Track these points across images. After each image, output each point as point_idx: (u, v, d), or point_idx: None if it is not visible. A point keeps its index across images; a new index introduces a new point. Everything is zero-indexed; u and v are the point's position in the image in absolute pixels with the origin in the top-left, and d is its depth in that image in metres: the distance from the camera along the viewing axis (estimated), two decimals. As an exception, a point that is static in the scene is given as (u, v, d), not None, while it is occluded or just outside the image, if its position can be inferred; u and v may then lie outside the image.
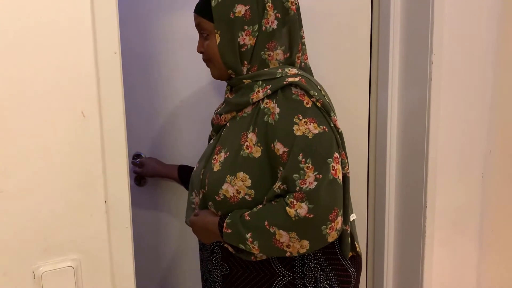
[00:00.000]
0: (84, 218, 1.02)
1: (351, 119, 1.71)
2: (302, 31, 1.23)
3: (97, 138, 1.00)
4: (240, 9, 1.13)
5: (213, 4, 1.15)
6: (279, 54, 1.18)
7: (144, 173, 1.59)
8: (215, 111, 1.32)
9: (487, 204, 1.72)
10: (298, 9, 1.21)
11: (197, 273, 1.36)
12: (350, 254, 1.22)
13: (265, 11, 1.15)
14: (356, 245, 1.23)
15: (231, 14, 1.14)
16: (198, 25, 1.21)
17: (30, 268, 0.99)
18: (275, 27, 1.16)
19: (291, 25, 1.18)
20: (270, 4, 1.15)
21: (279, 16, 1.16)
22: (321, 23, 1.64)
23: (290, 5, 1.18)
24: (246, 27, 1.14)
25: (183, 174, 1.53)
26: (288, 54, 1.20)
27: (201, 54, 1.24)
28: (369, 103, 1.72)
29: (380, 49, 1.67)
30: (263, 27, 1.15)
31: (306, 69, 1.25)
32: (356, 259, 1.24)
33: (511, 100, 1.71)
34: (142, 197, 1.63)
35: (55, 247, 1.00)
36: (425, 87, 1.53)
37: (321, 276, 1.17)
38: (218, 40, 1.16)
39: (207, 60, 1.23)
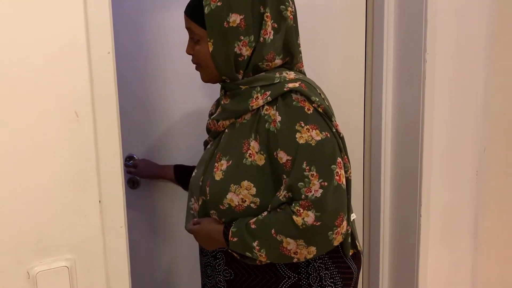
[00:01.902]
0: (78, 218, 1.02)
1: (346, 118, 1.70)
2: (298, 40, 1.20)
3: (90, 138, 1.00)
4: (235, 19, 1.10)
5: (206, 11, 1.11)
6: (277, 63, 1.16)
7: (138, 174, 1.58)
8: (210, 115, 1.30)
9: (481, 202, 1.73)
10: (295, 16, 1.18)
11: (193, 276, 1.36)
12: (352, 252, 1.22)
13: (263, 21, 1.12)
14: (357, 243, 1.23)
15: (225, 23, 1.10)
16: (188, 29, 1.18)
17: (25, 268, 0.99)
18: (272, 37, 1.13)
19: (289, 33, 1.16)
20: (268, 14, 1.12)
21: (276, 26, 1.13)
22: (316, 21, 1.64)
23: (288, 14, 1.14)
24: (242, 37, 1.11)
25: (180, 174, 1.52)
26: (287, 59, 1.18)
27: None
28: (364, 101, 1.73)
29: (374, 48, 1.68)
30: (261, 38, 1.12)
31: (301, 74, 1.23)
32: (356, 256, 1.25)
33: (505, 97, 1.72)
34: (135, 199, 1.62)
35: (49, 247, 1.00)
36: (419, 85, 1.54)
37: (326, 275, 1.17)
38: (211, 49, 1.13)
39: (196, 63, 1.21)
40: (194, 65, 1.24)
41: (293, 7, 1.17)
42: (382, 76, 1.64)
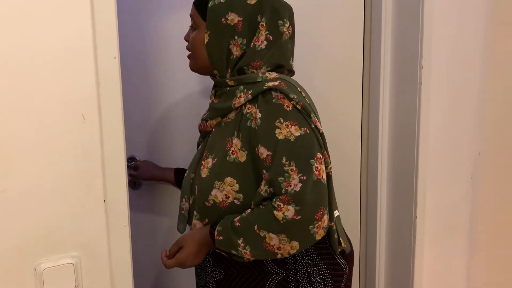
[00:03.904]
0: (84, 217, 1.05)
1: (344, 122, 1.74)
2: (292, 60, 1.24)
3: (96, 140, 1.03)
4: (233, 18, 1.16)
5: (209, 4, 1.18)
6: (262, 72, 1.19)
7: (140, 176, 1.59)
8: (202, 117, 1.34)
9: (476, 205, 1.75)
10: (292, 36, 1.22)
11: (192, 274, 1.39)
12: (339, 249, 1.23)
13: (258, 29, 1.17)
14: (341, 241, 1.23)
15: (223, 20, 1.16)
16: (191, 16, 1.24)
17: (32, 264, 1.01)
18: (263, 47, 1.17)
19: (281, 49, 1.20)
20: (263, 23, 1.17)
21: (271, 38, 1.18)
22: (315, 27, 1.67)
23: (285, 29, 1.19)
24: (236, 37, 1.17)
25: (180, 177, 1.53)
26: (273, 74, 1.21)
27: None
28: (362, 106, 1.75)
29: (372, 54, 1.70)
30: (252, 44, 1.17)
31: None
32: (348, 253, 1.26)
33: (499, 102, 1.74)
34: (136, 200, 1.63)
35: (56, 245, 1.03)
36: (415, 91, 1.57)
37: (314, 272, 1.19)
38: (206, 40, 1.19)
39: (189, 50, 1.26)
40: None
41: (291, 27, 1.22)
42: (379, 82, 1.66)
